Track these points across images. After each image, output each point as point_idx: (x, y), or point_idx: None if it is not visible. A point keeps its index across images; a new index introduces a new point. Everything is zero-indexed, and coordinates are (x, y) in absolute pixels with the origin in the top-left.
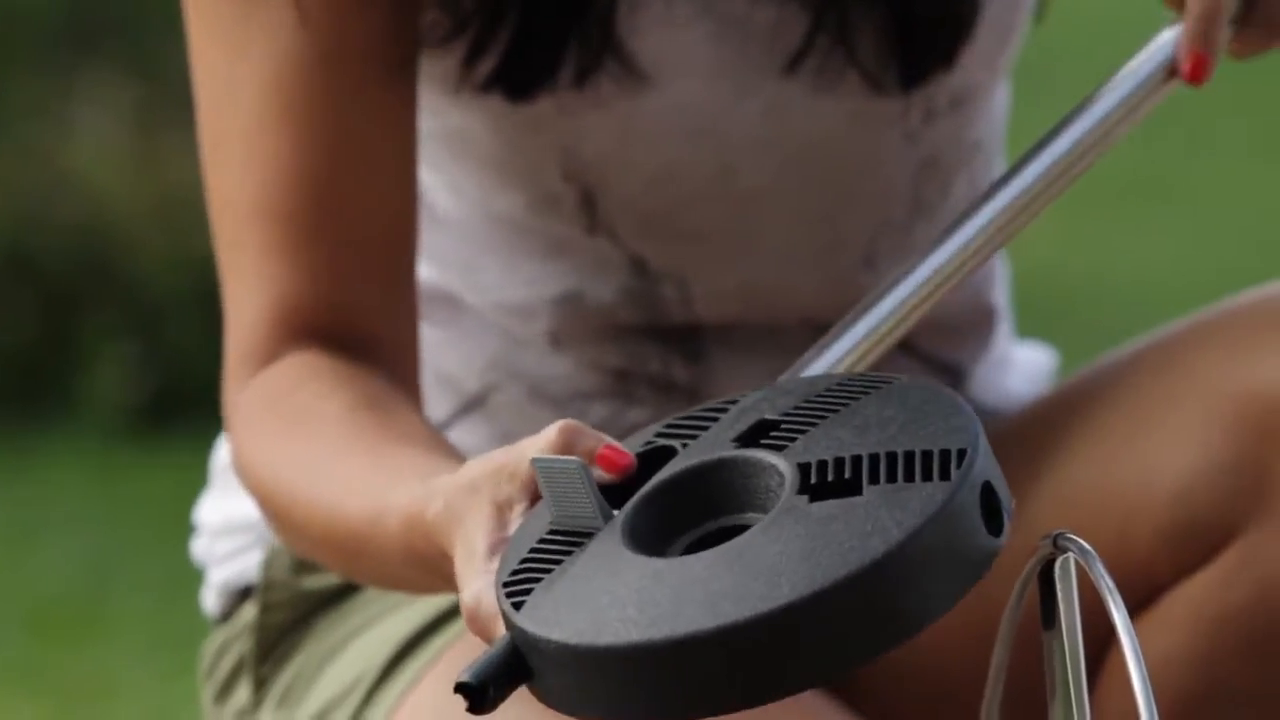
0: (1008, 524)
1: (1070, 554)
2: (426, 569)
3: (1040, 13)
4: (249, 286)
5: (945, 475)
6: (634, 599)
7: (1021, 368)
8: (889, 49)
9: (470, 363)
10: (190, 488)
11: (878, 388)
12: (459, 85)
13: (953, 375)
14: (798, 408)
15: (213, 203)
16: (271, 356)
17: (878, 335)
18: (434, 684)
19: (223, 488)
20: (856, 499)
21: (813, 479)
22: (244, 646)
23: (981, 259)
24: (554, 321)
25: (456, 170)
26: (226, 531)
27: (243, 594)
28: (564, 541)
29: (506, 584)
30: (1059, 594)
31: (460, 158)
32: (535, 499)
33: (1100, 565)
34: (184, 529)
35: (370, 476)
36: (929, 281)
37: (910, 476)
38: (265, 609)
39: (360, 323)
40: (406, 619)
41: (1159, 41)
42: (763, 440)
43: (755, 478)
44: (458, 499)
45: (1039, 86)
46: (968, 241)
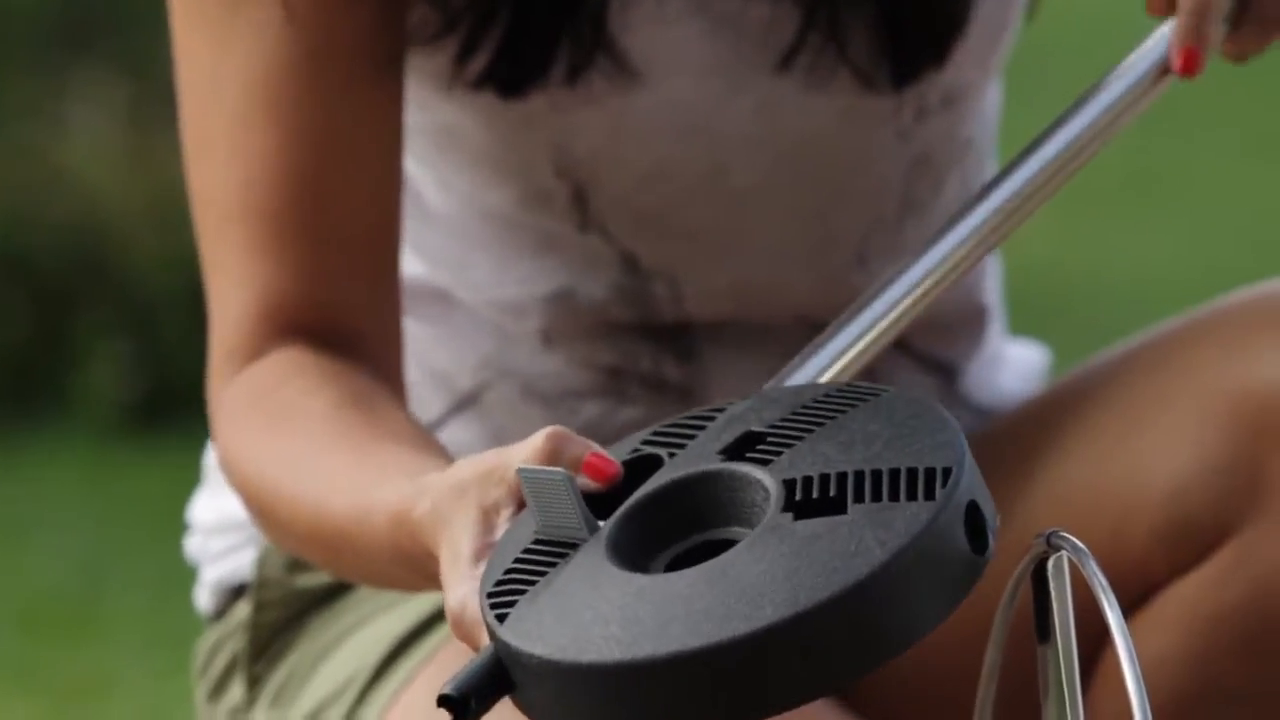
0: (993, 542)
1: (1063, 552)
2: (412, 567)
3: (1033, 11)
4: (233, 283)
5: (930, 494)
6: (617, 616)
7: (1014, 366)
8: (881, 47)
9: (463, 360)
10: (184, 486)
11: (865, 400)
12: (451, 82)
13: (946, 373)
14: (784, 420)
15: (196, 199)
16: (256, 353)
17: (871, 336)
18: (427, 683)
19: (216, 486)
20: (841, 518)
21: (797, 496)
22: (237, 645)
23: (976, 259)
24: (545, 319)
25: (446, 166)
26: (220, 529)
27: (236, 592)
28: (549, 552)
29: (491, 594)
30: (1052, 593)
31: (451, 153)
32: (523, 504)
33: (1094, 563)
34: (177, 527)
35: (355, 474)
36: (923, 281)
37: (895, 495)
38: (259, 607)
39: (345, 319)
40: (400, 617)
41: (1152, 40)
42: (748, 453)
43: (740, 492)
44: (445, 501)
45: (1032, 85)
46: (961, 241)
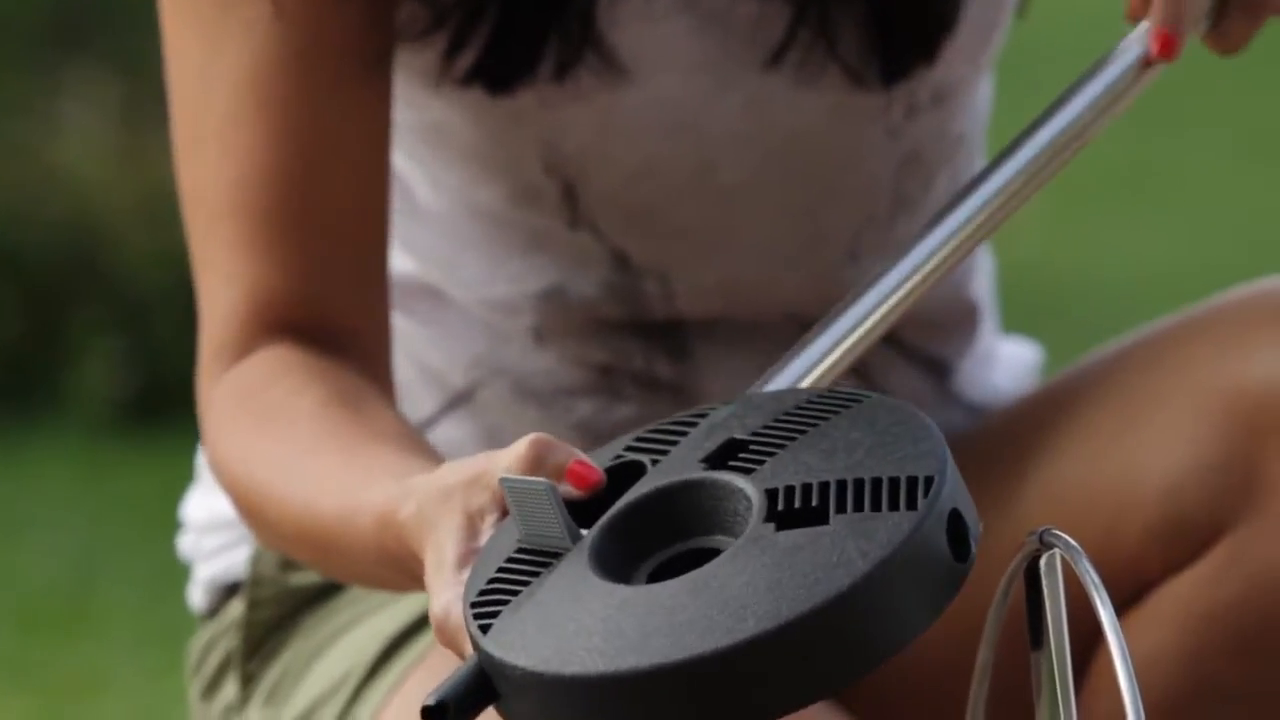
0: (974, 549)
1: (1056, 550)
2: (398, 569)
3: (1023, 8)
4: (222, 281)
5: (912, 504)
6: (600, 628)
7: (1007, 363)
8: (870, 44)
9: (456, 359)
10: (177, 483)
11: (847, 406)
12: (439, 79)
13: (938, 370)
14: (767, 427)
15: (186, 197)
16: (245, 351)
17: (860, 332)
18: (420, 682)
19: (209, 483)
20: (823, 528)
21: (780, 506)
22: (231, 643)
23: (963, 254)
24: (537, 317)
25: (436, 163)
26: (213, 527)
27: (230, 590)
28: (532, 561)
29: (474, 604)
30: (1045, 591)
31: (440, 150)
32: (508, 509)
33: (1086, 561)
34: (171, 525)
35: (343, 474)
36: (911, 277)
37: (877, 505)
38: (252, 605)
39: (333, 317)
40: (394, 616)
41: (1135, 33)
42: (731, 462)
43: (723, 501)
44: (430, 504)
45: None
46: (949, 236)
